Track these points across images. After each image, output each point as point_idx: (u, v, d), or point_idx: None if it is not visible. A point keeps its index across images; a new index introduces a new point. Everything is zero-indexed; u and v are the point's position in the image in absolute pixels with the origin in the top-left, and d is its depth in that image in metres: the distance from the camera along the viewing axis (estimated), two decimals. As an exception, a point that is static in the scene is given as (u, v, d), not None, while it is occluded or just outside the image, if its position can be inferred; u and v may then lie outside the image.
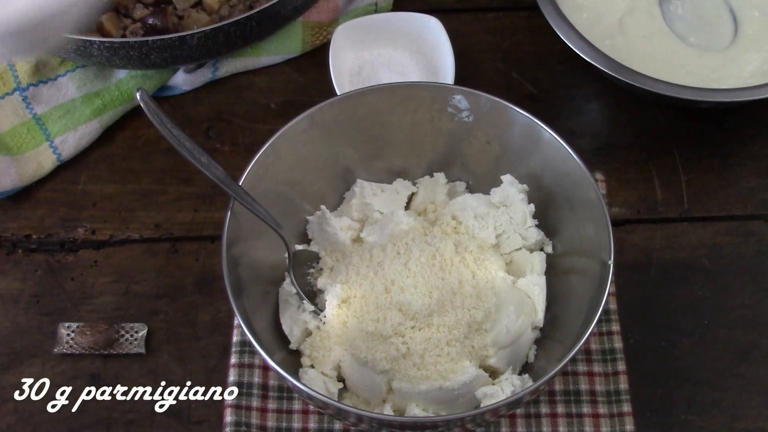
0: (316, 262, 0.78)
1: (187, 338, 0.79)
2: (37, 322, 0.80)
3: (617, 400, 0.74)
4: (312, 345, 0.74)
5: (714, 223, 0.85)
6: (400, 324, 0.71)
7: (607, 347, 0.77)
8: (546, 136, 0.75)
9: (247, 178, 0.73)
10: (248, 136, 0.90)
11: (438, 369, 0.70)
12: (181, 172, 0.85)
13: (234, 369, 0.75)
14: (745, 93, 0.83)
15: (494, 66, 0.95)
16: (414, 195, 0.82)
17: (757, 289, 0.82)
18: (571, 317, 0.72)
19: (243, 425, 0.73)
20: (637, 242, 0.84)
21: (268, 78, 0.95)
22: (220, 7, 0.91)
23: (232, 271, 0.70)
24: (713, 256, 0.83)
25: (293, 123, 0.75)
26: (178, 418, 0.76)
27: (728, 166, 0.88)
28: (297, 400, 0.75)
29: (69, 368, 0.78)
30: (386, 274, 0.73)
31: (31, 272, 0.83)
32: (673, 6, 0.92)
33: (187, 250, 0.84)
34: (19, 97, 0.91)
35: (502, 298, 0.73)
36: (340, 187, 0.82)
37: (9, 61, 0.91)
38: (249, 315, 0.70)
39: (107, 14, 0.90)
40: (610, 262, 0.68)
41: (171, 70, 0.93)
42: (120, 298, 0.81)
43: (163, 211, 0.84)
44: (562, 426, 0.74)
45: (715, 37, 0.91)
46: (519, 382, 0.71)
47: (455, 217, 0.78)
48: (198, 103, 0.93)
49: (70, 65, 0.93)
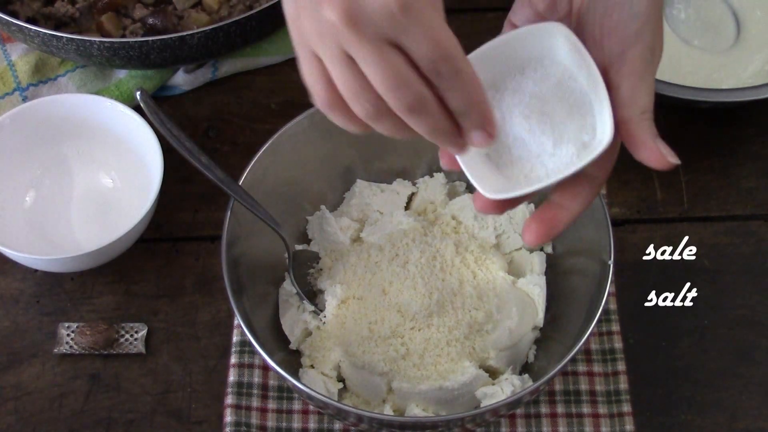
0: (316, 262, 0.78)
1: (187, 338, 0.79)
2: (37, 322, 0.80)
3: (617, 400, 0.74)
4: (312, 345, 0.74)
5: (714, 223, 0.85)
6: (398, 325, 0.71)
7: (607, 347, 0.77)
8: (546, 136, 0.75)
9: (247, 178, 0.73)
10: (248, 136, 0.90)
11: (438, 369, 0.70)
12: (181, 172, 0.84)
13: (234, 369, 0.75)
14: (745, 93, 0.83)
15: (494, 66, 0.95)
16: (414, 195, 0.82)
17: (757, 289, 0.82)
18: (571, 317, 0.72)
19: (243, 425, 0.73)
20: (637, 242, 0.84)
21: (268, 78, 0.95)
22: (220, 7, 0.91)
23: (232, 271, 0.70)
24: (713, 256, 0.83)
25: (293, 123, 0.75)
26: (178, 418, 0.76)
27: (728, 166, 0.88)
28: (297, 400, 0.75)
29: (69, 368, 0.78)
30: (384, 276, 0.73)
31: (31, 272, 0.82)
32: (676, 10, 0.92)
33: (187, 250, 0.84)
34: (19, 97, 0.91)
35: (503, 299, 0.73)
36: (340, 187, 0.82)
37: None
38: (249, 315, 0.70)
39: (107, 14, 0.90)
40: (610, 262, 0.68)
41: (171, 70, 0.93)
42: (120, 298, 0.81)
43: (163, 211, 0.83)
44: (562, 426, 0.74)
45: (718, 39, 0.91)
46: (519, 382, 0.71)
47: (455, 217, 0.78)
48: (198, 103, 0.93)
49: (70, 65, 0.93)
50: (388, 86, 0.47)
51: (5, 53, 0.93)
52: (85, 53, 0.84)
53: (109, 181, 0.87)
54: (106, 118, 0.84)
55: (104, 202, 0.85)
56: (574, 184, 0.54)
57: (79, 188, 0.86)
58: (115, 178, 0.86)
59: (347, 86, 0.48)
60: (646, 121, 0.52)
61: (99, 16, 0.90)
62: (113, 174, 0.86)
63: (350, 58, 0.47)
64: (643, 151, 0.52)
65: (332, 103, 0.50)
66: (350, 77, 0.48)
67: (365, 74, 0.47)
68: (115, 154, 0.86)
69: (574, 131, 0.53)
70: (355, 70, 0.48)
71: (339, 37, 0.47)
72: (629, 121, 0.52)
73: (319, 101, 0.50)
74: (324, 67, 0.49)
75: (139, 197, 0.81)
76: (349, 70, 0.48)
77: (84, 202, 0.85)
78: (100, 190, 0.86)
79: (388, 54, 0.47)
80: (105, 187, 0.86)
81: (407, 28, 0.46)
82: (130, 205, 0.83)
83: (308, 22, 0.48)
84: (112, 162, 0.86)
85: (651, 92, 0.52)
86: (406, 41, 0.47)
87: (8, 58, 0.92)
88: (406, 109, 0.48)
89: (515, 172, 0.54)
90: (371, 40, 0.46)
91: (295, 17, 0.49)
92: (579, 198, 0.54)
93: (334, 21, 0.46)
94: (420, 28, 0.46)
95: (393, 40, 0.47)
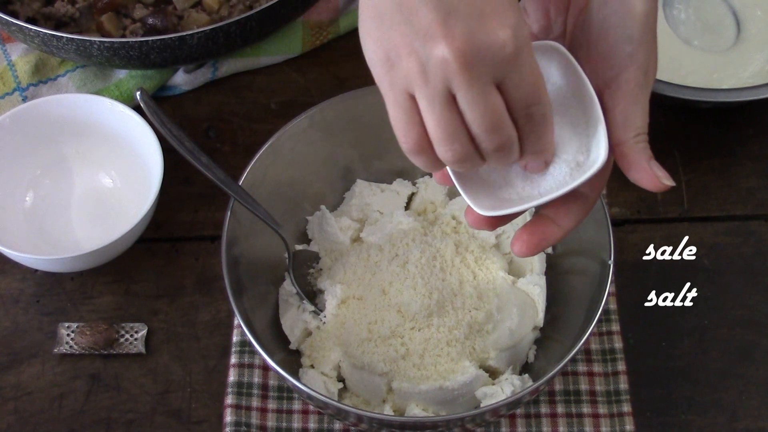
0: (316, 262, 0.78)
1: (187, 338, 0.79)
2: (37, 322, 0.80)
3: (617, 400, 0.74)
4: (312, 345, 0.74)
5: (714, 223, 0.85)
6: (398, 325, 0.71)
7: (607, 347, 0.77)
8: (546, 136, 0.75)
9: (247, 178, 0.73)
10: (248, 136, 0.90)
11: (438, 369, 0.70)
12: (181, 172, 0.84)
13: (234, 369, 0.75)
14: (745, 93, 0.83)
15: (494, 66, 0.95)
16: (414, 195, 0.82)
17: (757, 289, 0.82)
18: (571, 317, 0.72)
19: (243, 425, 0.73)
20: (637, 242, 0.84)
21: (268, 78, 0.95)
22: (220, 7, 0.91)
23: (232, 271, 0.70)
24: (713, 256, 0.83)
25: (293, 123, 0.75)
26: (178, 418, 0.76)
27: (728, 166, 0.88)
28: (297, 400, 0.75)
29: (69, 368, 0.78)
30: (384, 276, 0.73)
31: (31, 272, 0.82)
32: (676, 10, 0.92)
33: (187, 250, 0.84)
34: (19, 97, 0.91)
35: (504, 300, 0.73)
36: (340, 187, 0.82)
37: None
38: (249, 315, 0.70)
39: (107, 14, 0.90)
40: (610, 262, 0.68)
41: (171, 70, 0.93)
42: (120, 298, 0.81)
43: (163, 211, 0.83)
44: (562, 426, 0.74)
45: (718, 39, 0.91)
46: (519, 382, 0.71)
47: (455, 217, 0.78)
48: (198, 103, 0.93)
49: (70, 65, 0.93)
50: (486, 128, 0.48)
51: (5, 53, 0.93)
52: (85, 53, 0.84)
53: (109, 181, 0.87)
54: (106, 118, 0.84)
55: (104, 202, 0.85)
56: (567, 201, 0.54)
57: (79, 188, 0.86)
58: (115, 178, 0.86)
59: (442, 128, 0.48)
60: (640, 144, 0.53)
61: (99, 16, 0.90)
62: (113, 174, 0.86)
63: (451, 99, 0.47)
64: (637, 172, 0.53)
65: (422, 147, 0.50)
66: (448, 119, 0.48)
67: (465, 115, 0.48)
68: (115, 154, 0.86)
69: (569, 151, 0.53)
70: (454, 112, 0.48)
71: (448, 76, 0.46)
72: (623, 144, 0.53)
73: (408, 145, 0.50)
74: (418, 111, 0.49)
75: (139, 197, 0.81)
76: (449, 111, 0.48)
77: (84, 202, 0.85)
78: (100, 190, 0.86)
79: (493, 96, 0.47)
80: (105, 187, 0.86)
81: (514, 71, 0.47)
82: (130, 205, 0.83)
83: (410, 62, 0.47)
84: (112, 162, 0.86)
85: (645, 114, 0.53)
86: (511, 84, 0.47)
87: (8, 58, 0.92)
88: (494, 150, 0.49)
89: (508, 191, 0.55)
90: (481, 81, 0.46)
91: (385, 60, 0.48)
92: (571, 215, 0.55)
93: (448, 59, 0.46)
94: (525, 72, 0.47)
95: (500, 81, 0.47)
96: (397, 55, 0.48)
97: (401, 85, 0.48)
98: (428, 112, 0.48)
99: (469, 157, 0.50)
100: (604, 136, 0.52)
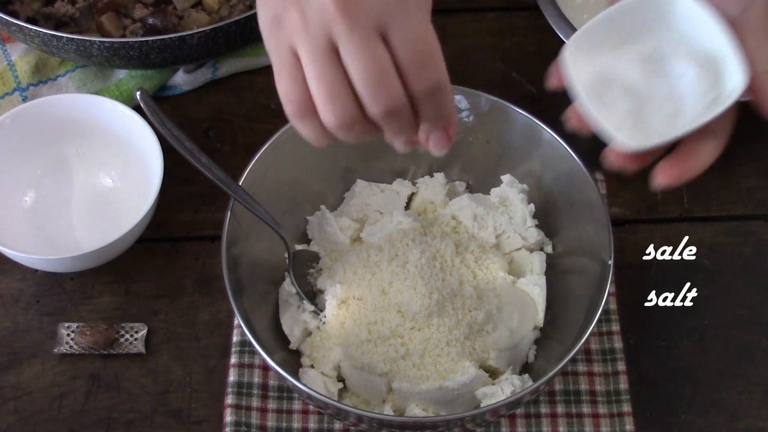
0: (316, 262, 0.78)
1: (187, 338, 0.79)
2: (37, 322, 0.80)
3: (617, 400, 0.74)
4: (312, 345, 0.74)
5: (714, 223, 0.85)
6: (398, 325, 0.71)
7: (607, 347, 0.77)
8: (546, 136, 0.75)
9: (247, 178, 0.73)
10: (248, 136, 0.90)
11: (438, 369, 0.70)
12: (181, 172, 0.84)
13: (234, 369, 0.75)
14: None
15: (494, 66, 0.95)
16: (414, 195, 0.82)
17: (757, 289, 0.82)
18: (571, 317, 0.72)
19: (243, 425, 0.73)
20: (637, 242, 0.84)
21: (268, 78, 0.93)
22: (220, 7, 0.91)
23: (232, 271, 0.70)
24: (713, 256, 0.83)
25: (293, 123, 0.75)
26: (178, 418, 0.76)
27: (728, 166, 0.88)
28: (297, 400, 0.75)
29: (69, 368, 0.78)
30: (384, 276, 0.73)
31: (31, 272, 0.82)
32: None
33: (187, 250, 0.84)
34: (19, 97, 0.91)
35: (504, 300, 0.73)
36: (340, 187, 0.82)
37: None
38: (249, 315, 0.70)
39: (107, 14, 0.90)
40: (610, 262, 0.68)
41: (171, 70, 0.93)
42: (120, 298, 0.81)
43: (163, 211, 0.83)
44: (562, 426, 0.74)
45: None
46: (519, 382, 0.71)
47: (455, 217, 0.78)
48: (198, 103, 0.93)
49: (70, 65, 0.93)
50: (370, 85, 0.46)
51: (5, 53, 0.93)
52: (85, 53, 0.84)
53: (109, 181, 0.87)
54: (106, 118, 0.84)
55: (104, 202, 0.85)
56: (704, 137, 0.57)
57: (79, 188, 0.86)
58: (115, 178, 0.86)
59: (324, 85, 0.46)
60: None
61: (99, 16, 0.90)
62: (113, 174, 0.86)
63: (334, 53, 0.46)
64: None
65: (305, 109, 0.48)
66: (330, 74, 0.46)
67: (348, 69, 0.46)
68: (115, 154, 0.86)
69: (705, 83, 0.56)
70: (336, 68, 0.46)
71: (328, 24, 0.45)
72: (757, 78, 0.54)
73: (291, 106, 0.49)
74: (301, 69, 0.47)
75: (139, 197, 0.81)
76: (330, 65, 0.46)
77: (84, 202, 0.85)
78: (100, 190, 0.86)
79: (376, 46, 0.46)
80: (105, 187, 0.86)
81: (398, 19, 0.45)
82: (130, 205, 0.83)
83: (293, 13, 0.46)
84: (112, 162, 0.86)
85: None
86: (397, 36, 0.46)
87: (8, 58, 0.92)
88: (382, 115, 0.47)
89: (651, 125, 0.57)
90: (362, 27, 0.45)
91: (272, 19, 0.47)
92: (708, 151, 0.58)
93: (325, 2, 0.45)
94: (412, 25, 0.46)
95: (383, 29, 0.46)
96: (283, 9, 0.46)
97: (286, 42, 0.47)
98: (309, 67, 0.46)
99: (355, 120, 0.47)
100: (739, 67, 0.54)
